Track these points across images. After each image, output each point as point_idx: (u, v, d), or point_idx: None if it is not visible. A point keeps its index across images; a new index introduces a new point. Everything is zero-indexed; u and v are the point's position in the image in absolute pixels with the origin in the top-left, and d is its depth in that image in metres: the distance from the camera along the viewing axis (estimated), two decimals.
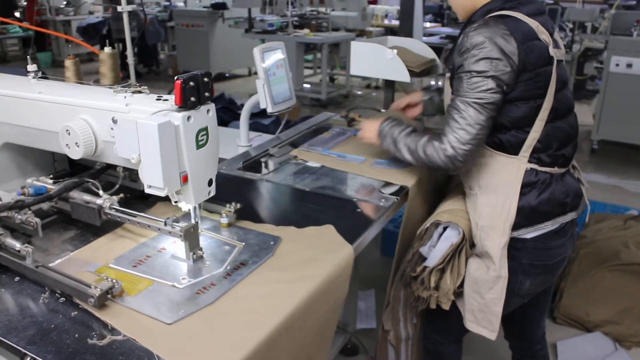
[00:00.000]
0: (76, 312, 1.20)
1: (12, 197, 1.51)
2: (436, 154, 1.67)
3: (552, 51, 1.63)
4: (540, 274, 1.78)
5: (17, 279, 1.33)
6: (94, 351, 1.08)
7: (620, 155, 5.87)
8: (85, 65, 9.26)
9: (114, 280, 1.24)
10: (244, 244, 1.50)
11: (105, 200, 1.49)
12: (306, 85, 8.06)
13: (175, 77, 1.32)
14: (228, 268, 1.38)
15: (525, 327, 2.09)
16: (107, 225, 1.54)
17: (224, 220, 1.60)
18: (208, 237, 1.54)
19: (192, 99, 1.35)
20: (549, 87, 1.63)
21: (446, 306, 1.81)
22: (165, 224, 1.40)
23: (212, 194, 1.50)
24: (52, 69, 9.66)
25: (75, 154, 1.48)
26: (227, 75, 9.79)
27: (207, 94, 1.39)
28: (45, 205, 1.55)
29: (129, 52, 2.64)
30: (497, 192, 1.71)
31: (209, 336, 1.13)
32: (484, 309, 1.77)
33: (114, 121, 1.39)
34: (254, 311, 1.22)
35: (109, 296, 1.22)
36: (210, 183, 1.48)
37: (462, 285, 1.80)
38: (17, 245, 1.33)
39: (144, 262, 1.41)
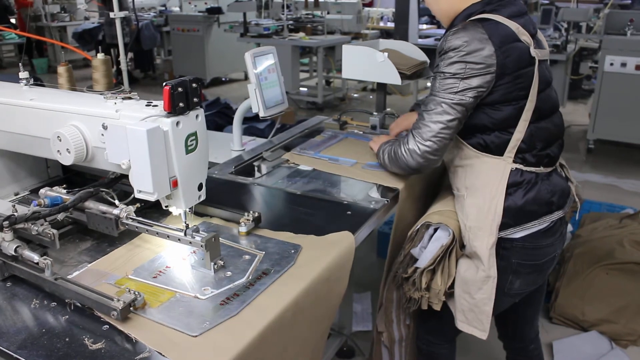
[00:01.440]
0: (67, 316, 1.21)
1: (25, 208, 1.47)
2: (400, 150, 1.77)
3: (533, 52, 1.65)
4: (530, 273, 1.79)
5: (8, 284, 1.34)
6: (85, 355, 1.09)
7: (616, 154, 5.88)
8: (81, 71, 9.31)
9: (136, 292, 1.21)
10: (264, 252, 1.48)
11: (122, 210, 1.47)
12: (302, 89, 8.08)
13: (164, 83, 1.34)
14: (250, 278, 1.36)
15: (519, 327, 2.10)
16: (123, 235, 1.52)
17: (243, 229, 1.58)
18: (227, 247, 1.51)
19: (181, 104, 1.36)
20: (532, 87, 1.65)
21: (437, 307, 1.82)
22: (185, 233, 1.38)
23: (203, 198, 1.51)
24: (48, 75, 9.68)
25: (67, 160, 1.50)
26: (223, 79, 9.81)
27: (195, 99, 1.40)
28: (60, 216, 1.50)
29: (122, 58, 2.65)
30: (483, 192, 1.72)
31: (235, 347, 1.11)
32: (474, 309, 1.78)
33: (104, 127, 1.41)
34: (277, 324, 1.20)
35: (131, 309, 1.20)
36: (200, 187, 1.49)
37: (453, 285, 1.81)
38: (36, 257, 1.30)
39: (164, 273, 1.40)
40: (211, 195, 1.55)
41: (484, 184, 1.72)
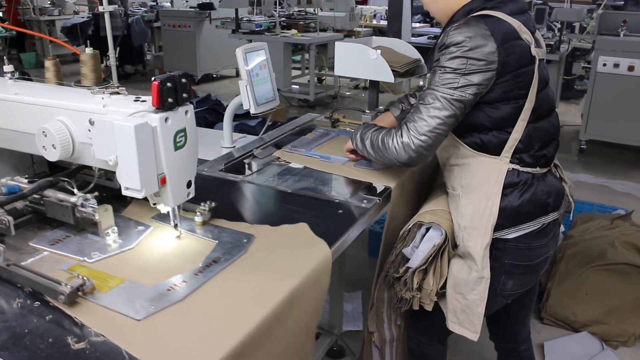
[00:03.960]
0: (51, 316, 1.18)
1: None
2: (392, 141, 1.68)
3: (534, 51, 1.63)
4: (522, 274, 1.77)
5: None
6: (69, 356, 1.06)
7: (608, 155, 5.89)
8: (70, 66, 9.22)
9: (85, 278, 1.24)
10: (217, 241, 1.49)
11: (79, 198, 1.46)
12: (294, 86, 8.04)
13: (153, 78, 1.31)
14: (200, 265, 1.37)
15: (510, 328, 2.09)
16: (85, 225, 1.51)
17: (198, 219, 1.58)
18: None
19: (170, 100, 1.34)
20: (531, 87, 1.63)
21: (429, 307, 1.80)
22: (83, 205, 1.44)
23: (192, 195, 1.49)
24: (36, 70, 9.58)
25: (52, 156, 1.47)
26: (214, 76, 9.76)
27: (185, 95, 1.38)
28: (19, 205, 1.52)
29: (111, 53, 2.61)
30: (479, 192, 1.70)
31: (179, 332, 1.14)
32: (466, 310, 1.76)
33: (91, 123, 1.38)
34: (224, 308, 1.23)
35: (80, 293, 1.22)
36: (189, 185, 1.47)
37: (444, 286, 1.79)
38: None
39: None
40: (200, 192, 1.52)
41: (480, 184, 1.70)
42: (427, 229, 1.78)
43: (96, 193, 1.50)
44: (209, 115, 4.19)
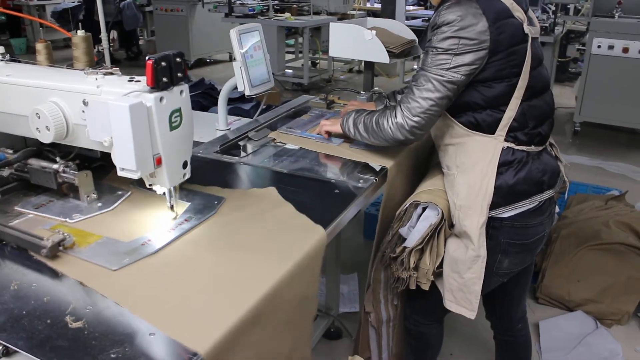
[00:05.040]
0: (48, 297, 1.18)
1: None
2: (386, 122, 1.72)
3: (526, 29, 1.62)
4: (519, 252, 1.78)
5: None
6: (67, 337, 1.06)
7: (602, 137, 5.91)
8: (62, 52, 9.15)
9: (66, 234, 1.33)
10: (189, 203, 1.58)
11: (61, 165, 1.53)
12: (288, 70, 8.00)
13: (147, 57, 1.30)
14: (172, 224, 1.46)
15: (506, 307, 2.10)
16: (67, 190, 1.59)
17: None
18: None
19: (165, 79, 1.33)
20: (524, 65, 1.63)
21: (425, 287, 1.80)
22: (64, 171, 1.54)
23: (188, 176, 1.48)
24: (26, 56, 9.44)
25: (46, 138, 1.46)
26: (208, 60, 9.70)
27: (179, 74, 1.37)
28: (5, 173, 1.60)
29: (103, 35, 2.59)
30: (474, 171, 1.70)
31: (150, 282, 1.24)
32: (462, 289, 1.76)
33: (85, 103, 1.37)
34: (193, 258, 1.34)
35: (60, 247, 1.31)
36: (185, 165, 1.46)
37: (441, 265, 1.80)
38: None
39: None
40: (196, 174, 1.53)
41: (474, 163, 1.70)
42: (424, 209, 1.78)
43: (78, 161, 1.57)
44: (203, 99, 4.16)
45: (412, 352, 2.17)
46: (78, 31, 2.27)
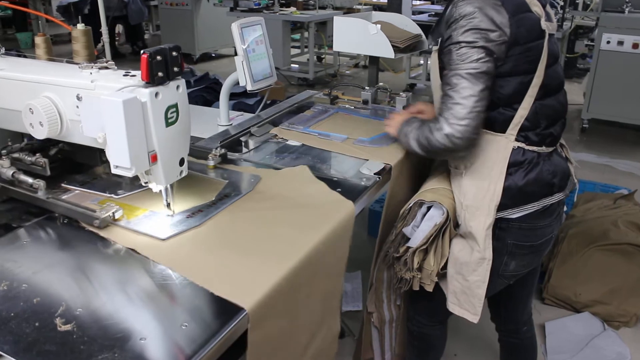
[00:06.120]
0: (39, 299, 1.14)
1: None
2: (433, 135, 1.60)
3: (544, 24, 1.57)
4: (526, 254, 1.73)
5: None
6: (55, 340, 1.03)
7: (611, 134, 5.83)
8: (67, 46, 9.10)
9: (116, 207, 1.42)
10: (227, 181, 1.68)
11: None
12: (293, 65, 7.96)
13: (142, 51, 1.26)
14: (214, 199, 1.56)
15: (512, 309, 2.05)
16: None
17: (210, 163, 1.78)
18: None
19: (160, 74, 1.29)
20: (540, 62, 1.57)
21: (429, 288, 1.76)
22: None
23: (184, 173, 1.45)
24: (32, 50, 9.43)
25: (40, 134, 1.42)
26: (213, 54, 9.66)
27: (176, 69, 1.33)
28: (52, 151, 1.65)
29: (104, 29, 2.55)
30: (483, 171, 1.65)
31: (197, 249, 1.33)
32: (466, 291, 1.72)
33: (79, 98, 1.34)
34: (233, 233, 1.42)
35: (110, 219, 1.40)
36: (181, 162, 1.42)
37: (445, 266, 1.75)
38: (30, 180, 1.50)
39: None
40: None
41: (484, 162, 1.65)
42: (428, 208, 1.74)
43: None
44: (207, 94, 4.12)
45: (415, 353, 2.13)
46: (78, 25, 2.24)
